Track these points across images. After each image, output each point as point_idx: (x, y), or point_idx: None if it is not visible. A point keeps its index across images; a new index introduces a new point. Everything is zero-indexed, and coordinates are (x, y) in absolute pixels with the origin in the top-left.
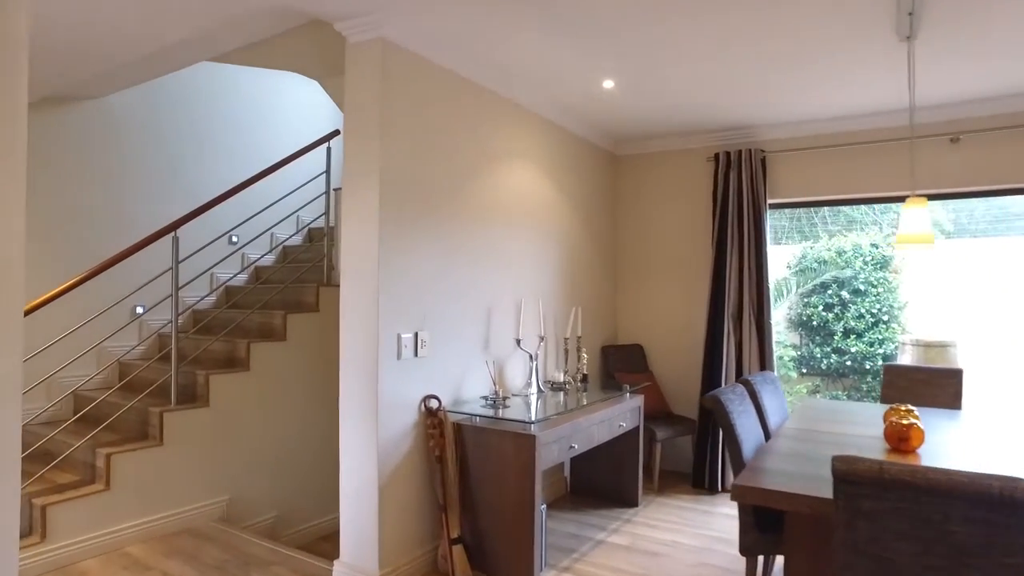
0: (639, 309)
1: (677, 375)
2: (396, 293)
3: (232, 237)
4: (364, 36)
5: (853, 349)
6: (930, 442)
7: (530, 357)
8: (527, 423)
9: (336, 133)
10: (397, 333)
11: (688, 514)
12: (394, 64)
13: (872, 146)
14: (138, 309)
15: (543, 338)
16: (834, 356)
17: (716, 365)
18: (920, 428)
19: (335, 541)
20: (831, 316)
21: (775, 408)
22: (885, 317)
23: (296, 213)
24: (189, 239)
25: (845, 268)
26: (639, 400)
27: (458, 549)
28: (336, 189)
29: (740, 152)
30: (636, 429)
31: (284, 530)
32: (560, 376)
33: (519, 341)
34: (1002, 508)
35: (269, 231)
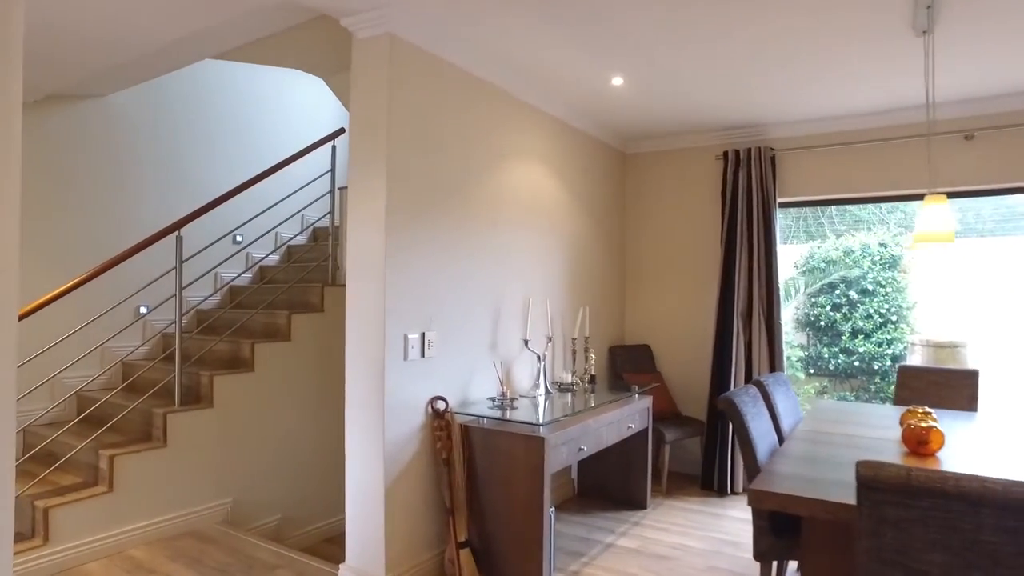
0: (647, 309)
1: (685, 376)
2: (403, 293)
3: (236, 236)
4: (371, 32)
5: (861, 349)
6: (949, 445)
7: (538, 358)
8: (536, 425)
9: (341, 131)
10: (404, 333)
11: (697, 517)
12: (401, 60)
13: (885, 143)
14: (142, 309)
15: (551, 338)
16: (842, 356)
17: (725, 365)
18: (940, 431)
19: (340, 543)
20: (839, 316)
21: (788, 410)
22: (894, 317)
23: (301, 212)
24: (193, 238)
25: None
26: (648, 401)
27: (465, 553)
28: (341, 188)
29: (750, 150)
30: (645, 430)
31: (289, 532)
32: (568, 377)
33: (527, 342)
34: None
35: (273, 230)
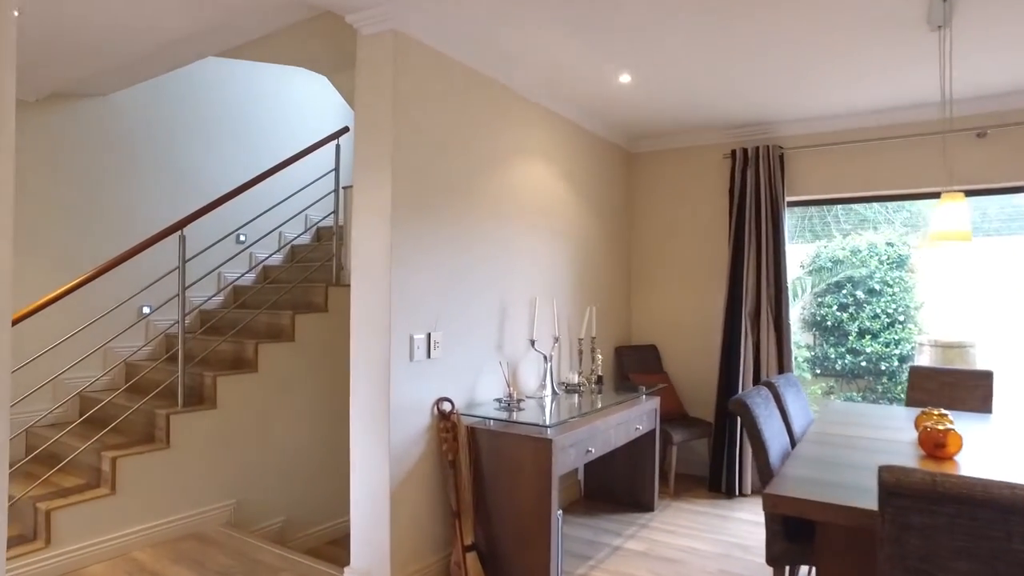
0: (654, 309)
1: (693, 376)
2: (408, 293)
3: (239, 236)
4: (376, 28)
5: (868, 350)
6: (967, 449)
7: (544, 358)
8: (543, 427)
9: (345, 130)
10: (409, 334)
11: (705, 519)
12: (407, 57)
13: (897, 141)
14: (144, 309)
15: (557, 339)
16: (848, 357)
17: (733, 366)
18: (957, 434)
19: (344, 545)
20: (846, 316)
21: (798, 411)
22: (901, 317)
23: (304, 212)
24: (196, 238)
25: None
26: (655, 402)
27: (472, 556)
28: (345, 187)
29: (758, 149)
30: (652, 432)
31: (292, 534)
32: (575, 378)
33: (533, 342)
34: None
35: (277, 230)
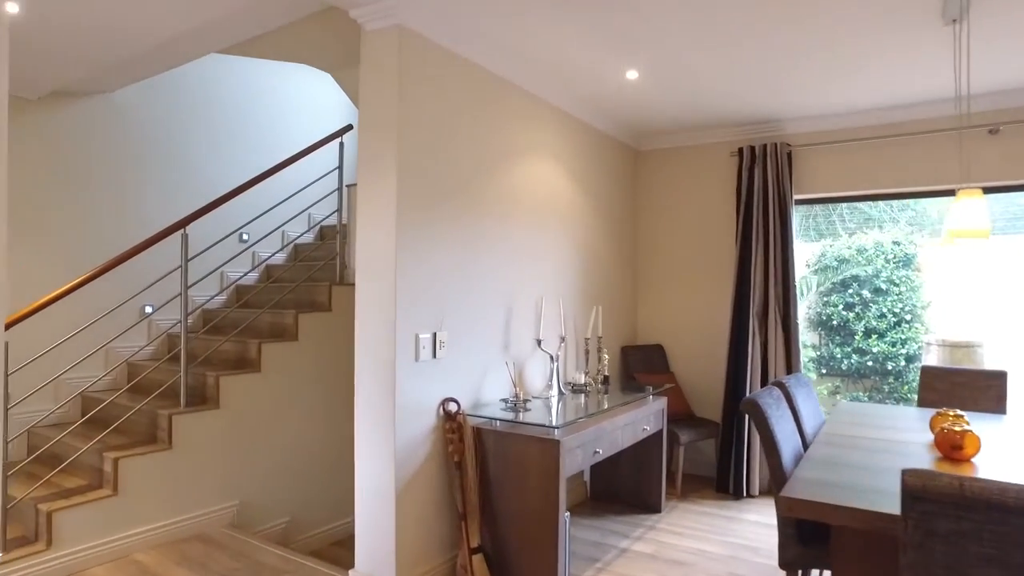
0: (660, 308)
1: (699, 376)
2: (414, 292)
3: (242, 235)
4: (381, 23)
5: (875, 349)
6: (985, 450)
7: (551, 358)
8: (551, 427)
9: (349, 128)
10: (415, 333)
11: (713, 521)
12: (412, 53)
13: (908, 138)
14: (147, 308)
15: (563, 338)
16: (855, 356)
17: (741, 366)
18: (975, 436)
19: (348, 546)
20: (852, 315)
21: (810, 412)
22: (908, 317)
23: (307, 210)
24: (199, 236)
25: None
26: (663, 402)
27: (478, 559)
28: (349, 185)
29: (765, 146)
30: (659, 432)
31: (296, 535)
32: (581, 378)
33: (540, 341)
34: None
35: (280, 229)
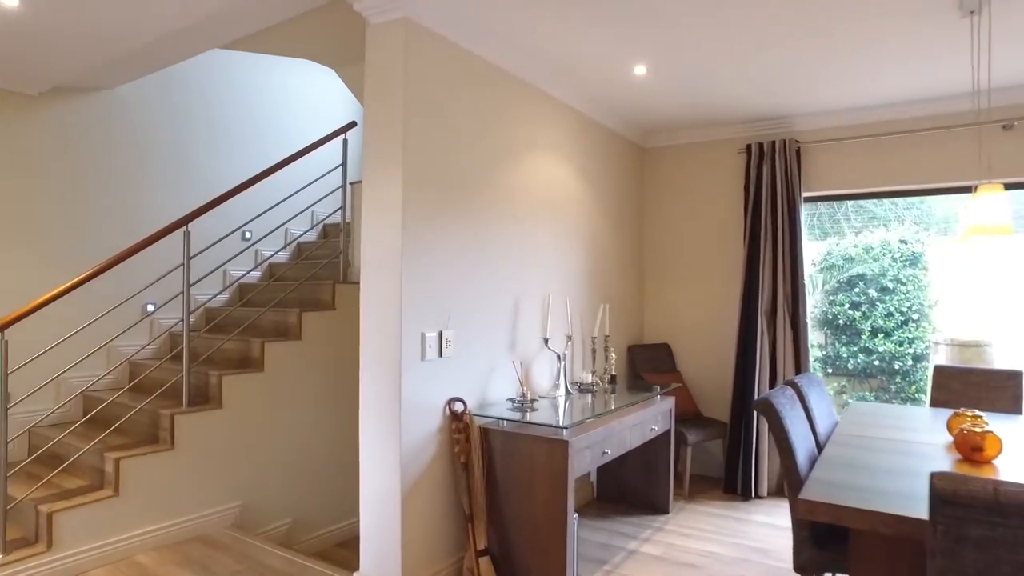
0: (666, 307)
1: (707, 375)
2: (419, 290)
3: (245, 232)
4: (387, 16)
5: (881, 348)
6: (1006, 452)
7: (558, 357)
8: (559, 428)
9: (353, 125)
10: (421, 332)
11: (722, 522)
12: (417, 47)
13: (921, 134)
14: (149, 307)
15: (570, 337)
16: (861, 356)
17: (749, 365)
18: (997, 437)
19: (352, 547)
20: (858, 315)
21: (822, 412)
22: (915, 316)
23: (311, 208)
24: (201, 234)
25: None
26: (670, 402)
27: (485, 561)
28: (353, 183)
29: (774, 143)
30: (667, 432)
31: (299, 536)
32: (588, 377)
33: (547, 340)
34: None
35: (283, 226)
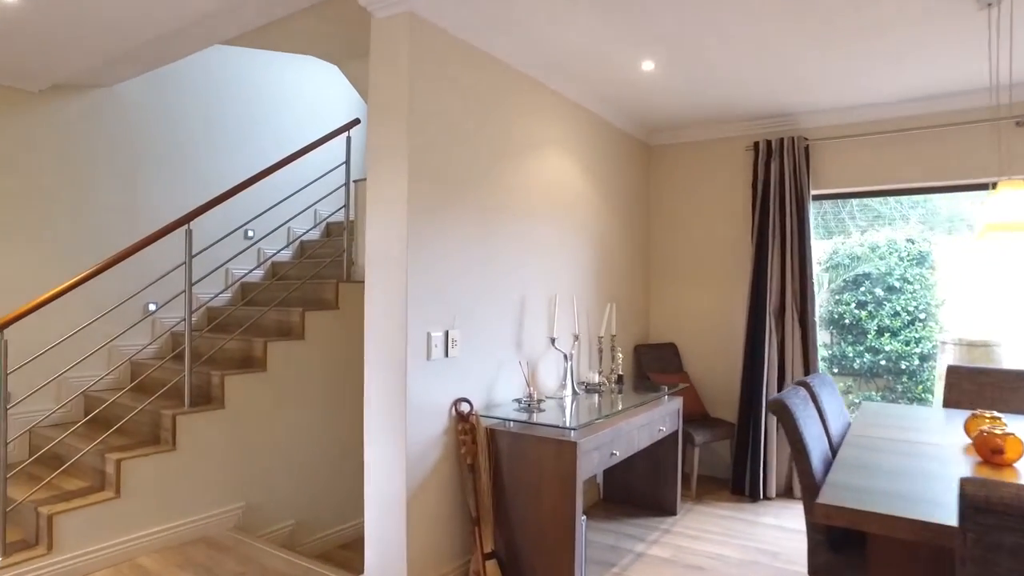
0: (673, 306)
1: (714, 375)
2: (425, 288)
3: (248, 231)
4: (392, 11)
5: (888, 348)
6: None
7: (564, 357)
8: (567, 429)
9: (356, 122)
10: (427, 332)
11: (731, 523)
12: (423, 42)
13: (938, 130)
14: (150, 306)
15: (577, 337)
16: (867, 355)
17: (757, 365)
18: (1018, 439)
19: (355, 549)
20: (864, 314)
21: (835, 413)
22: (922, 315)
23: (313, 207)
24: (203, 233)
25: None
26: (678, 402)
27: (492, 564)
28: (356, 181)
29: (782, 140)
30: (675, 433)
31: (302, 538)
32: (595, 377)
33: (554, 340)
34: None
35: (285, 225)
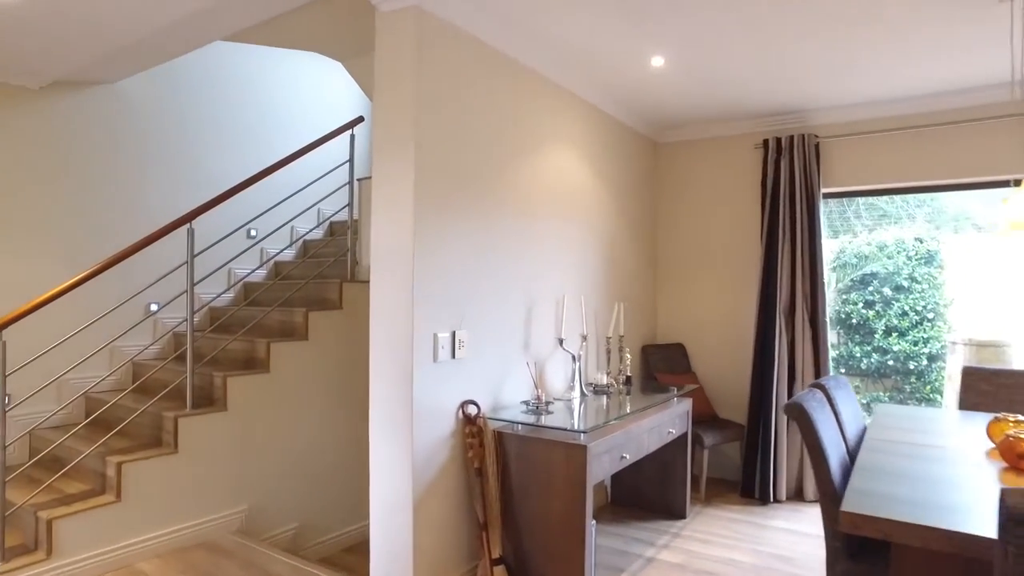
0: (681, 306)
1: (723, 376)
2: (432, 288)
3: (250, 230)
4: (397, 5)
5: (895, 348)
6: None
7: (572, 358)
8: (577, 432)
9: (360, 120)
10: (434, 332)
11: (741, 527)
12: (429, 36)
13: (956, 126)
14: (152, 306)
15: (585, 337)
16: (875, 355)
17: (767, 366)
18: None
19: (360, 552)
20: (871, 314)
21: (850, 416)
22: (930, 315)
23: (317, 205)
24: (205, 232)
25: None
26: (687, 404)
27: (500, 570)
28: (360, 179)
29: (792, 138)
30: (684, 435)
31: (306, 542)
32: (603, 378)
33: (562, 341)
34: None
35: (288, 224)
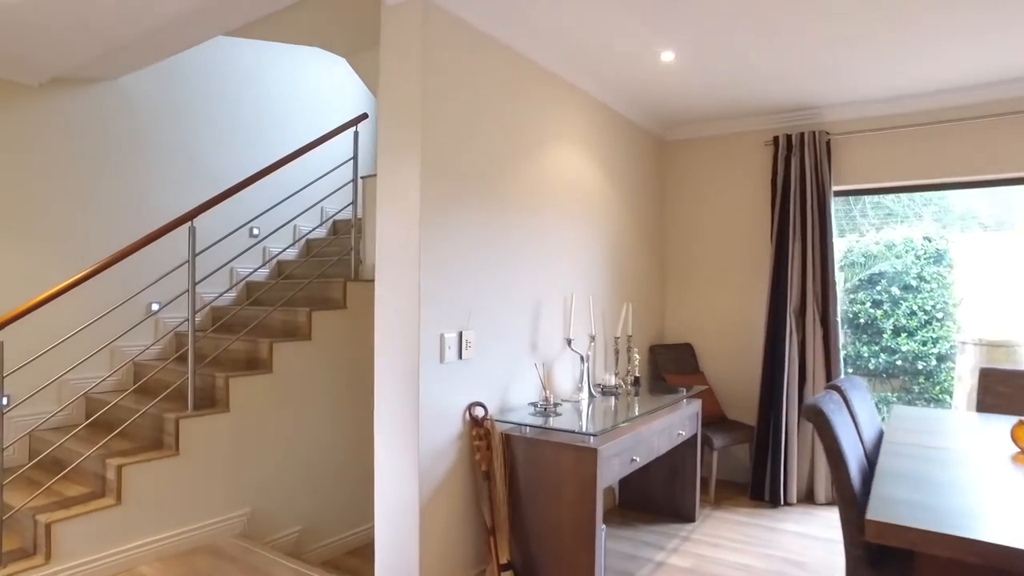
0: (689, 306)
1: (732, 377)
2: (438, 288)
3: (253, 229)
4: None
5: (904, 348)
6: None
7: (581, 359)
8: (587, 435)
9: (364, 117)
10: (440, 333)
11: (752, 531)
12: (435, 31)
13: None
14: (153, 306)
15: (593, 337)
16: (883, 356)
17: (777, 366)
18: None
19: (363, 556)
20: (879, 313)
21: (867, 418)
22: (939, 315)
23: (320, 204)
24: (206, 230)
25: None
26: (697, 405)
27: None
28: (364, 177)
29: (802, 135)
30: (694, 437)
31: (309, 545)
32: (611, 379)
33: (570, 341)
34: None
35: (291, 223)
